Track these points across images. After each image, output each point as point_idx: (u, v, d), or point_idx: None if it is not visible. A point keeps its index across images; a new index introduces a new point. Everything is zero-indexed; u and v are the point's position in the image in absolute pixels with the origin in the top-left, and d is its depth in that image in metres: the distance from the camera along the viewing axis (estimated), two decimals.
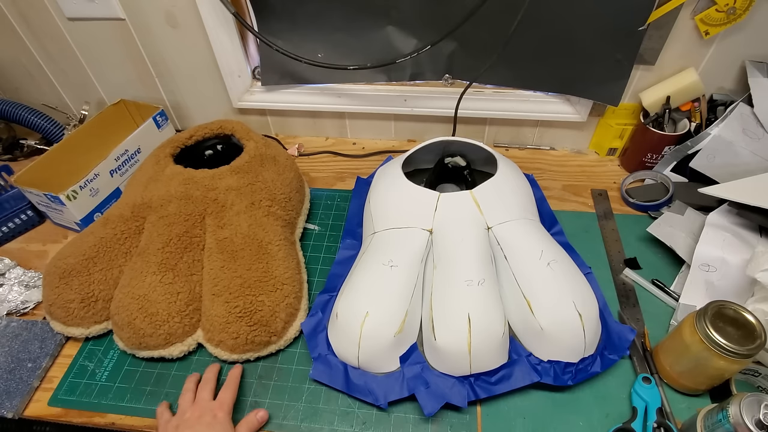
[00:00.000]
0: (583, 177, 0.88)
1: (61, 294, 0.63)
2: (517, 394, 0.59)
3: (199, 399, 0.56)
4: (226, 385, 0.58)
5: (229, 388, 0.58)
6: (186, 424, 0.53)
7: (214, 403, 0.56)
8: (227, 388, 0.58)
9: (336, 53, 0.84)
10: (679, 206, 0.75)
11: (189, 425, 0.53)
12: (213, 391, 0.58)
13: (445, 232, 0.63)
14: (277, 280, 0.63)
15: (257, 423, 0.57)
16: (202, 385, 0.59)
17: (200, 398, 0.56)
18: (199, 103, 0.98)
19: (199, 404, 0.56)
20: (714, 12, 0.68)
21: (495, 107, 0.88)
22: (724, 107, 0.77)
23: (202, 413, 0.54)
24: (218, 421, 0.54)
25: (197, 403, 0.56)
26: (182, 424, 0.54)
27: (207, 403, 0.56)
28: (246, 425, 0.56)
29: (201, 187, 0.69)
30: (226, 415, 0.55)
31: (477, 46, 0.80)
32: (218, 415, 0.54)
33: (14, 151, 0.99)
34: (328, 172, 0.93)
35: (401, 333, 0.57)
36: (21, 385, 0.62)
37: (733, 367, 0.51)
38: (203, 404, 0.56)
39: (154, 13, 0.82)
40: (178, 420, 0.55)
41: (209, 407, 0.55)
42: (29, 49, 0.91)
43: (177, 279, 0.63)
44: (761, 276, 0.55)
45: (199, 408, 0.55)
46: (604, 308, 0.63)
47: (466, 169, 0.79)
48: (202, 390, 0.58)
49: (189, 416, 0.54)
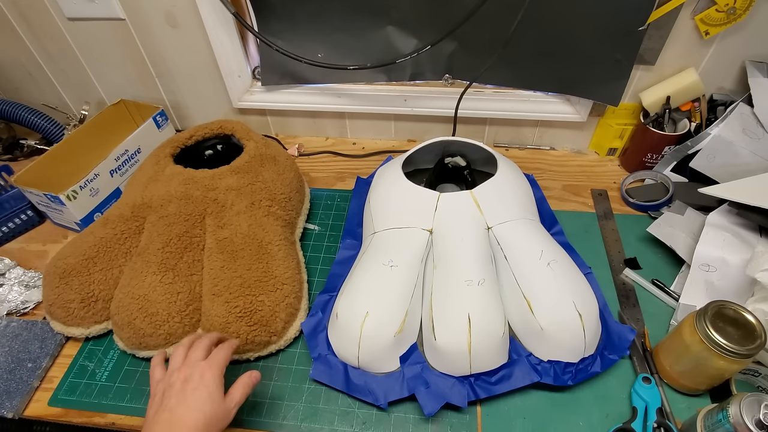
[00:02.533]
0: (583, 177, 0.88)
1: (61, 294, 0.63)
2: (517, 394, 0.59)
3: (189, 358, 0.51)
4: (221, 346, 0.53)
5: (223, 348, 0.52)
6: (171, 390, 0.48)
7: (204, 363, 0.50)
8: (221, 348, 0.53)
9: (336, 53, 0.84)
10: (679, 206, 0.75)
11: (174, 391, 0.48)
12: (206, 351, 0.52)
13: (445, 232, 0.63)
14: (277, 280, 0.63)
15: (251, 383, 0.52)
16: (196, 344, 0.53)
17: (190, 357, 0.51)
18: (199, 103, 0.98)
19: (188, 363, 0.50)
20: (714, 12, 0.68)
21: (495, 107, 0.88)
22: (724, 107, 0.77)
23: (189, 374, 0.49)
24: (205, 383, 0.48)
25: (186, 363, 0.51)
26: (168, 390, 0.49)
27: (196, 362, 0.50)
28: (241, 386, 0.51)
29: (201, 187, 0.69)
30: (214, 376, 0.49)
31: (477, 46, 0.80)
32: (206, 375, 0.49)
33: (14, 151, 0.99)
34: (328, 172, 0.93)
35: (401, 333, 0.57)
36: (21, 385, 0.62)
37: (733, 367, 0.51)
38: (191, 364, 0.50)
39: (154, 13, 0.82)
40: (166, 382, 0.50)
41: (198, 367, 0.50)
42: (29, 49, 0.91)
43: (177, 279, 0.63)
44: (761, 276, 0.55)
45: (188, 367, 0.50)
46: (604, 308, 0.63)
47: (466, 169, 0.79)
48: (195, 349, 0.52)
49: (175, 378, 0.49)
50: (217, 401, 0.48)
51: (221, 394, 0.49)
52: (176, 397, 0.48)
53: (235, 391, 0.51)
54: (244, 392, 0.51)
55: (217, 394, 0.49)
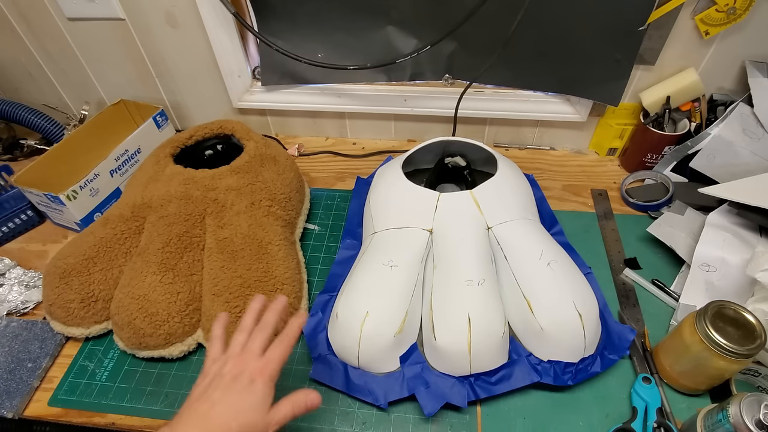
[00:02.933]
0: (583, 177, 0.88)
1: (61, 294, 0.63)
2: (517, 394, 0.59)
3: (247, 350, 0.47)
4: (279, 340, 0.48)
5: (282, 344, 0.48)
6: (219, 381, 0.45)
7: (259, 362, 0.46)
8: (279, 344, 0.48)
9: (336, 53, 0.84)
10: (679, 206, 0.75)
11: (221, 384, 0.45)
12: (267, 342, 0.48)
13: (445, 232, 0.63)
14: (277, 280, 0.63)
15: (305, 407, 0.46)
16: (258, 329, 0.49)
17: (248, 349, 0.47)
18: (199, 103, 0.98)
19: (243, 357, 0.47)
20: (714, 12, 0.68)
21: (495, 107, 0.88)
22: (724, 107, 0.77)
23: (240, 372, 0.45)
24: (254, 389, 0.44)
25: (242, 355, 0.47)
26: (216, 378, 0.45)
27: (252, 358, 0.46)
28: (290, 406, 0.46)
29: (201, 187, 0.69)
30: (266, 384, 0.45)
31: (477, 46, 0.80)
32: (257, 380, 0.45)
33: (14, 151, 0.99)
34: (328, 172, 0.93)
35: (401, 333, 0.57)
36: (21, 385, 0.62)
37: (733, 367, 0.51)
38: (247, 359, 0.46)
39: (154, 13, 0.82)
40: (219, 368, 0.46)
41: (251, 367, 0.46)
42: (29, 49, 0.91)
43: (177, 279, 0.63)
44: (761, 276, 0.55)
45: (241, 364, 0.46)
46: (604, 308, 0.63)
47: (466, 169, 0.79)
48: (255, 337, 0.48)
49: (227, 370, 0.46)
50: (260, 413, 0.44)
51: (266, 407, 0.45)
52: (221, 390, 0.44)
53: (281, 408, 0.46)
54: (292, 412, 0.46)
55: (261, 405, 0.44)
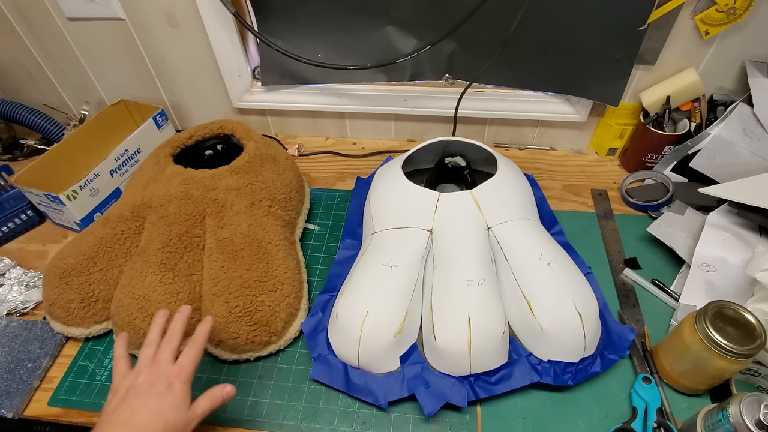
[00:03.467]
0: (583, 177, 0.88)
1: (61, 294, 0.63)
2: (517, 394, 0.59)
3: (157, 359, 0.50)
4: (190, 346, 0.52)
5: (192, 349, 0.51)
6: (136, 391, 0.47)
7: (173, 368, 0.49)
8: (190, 349, 0.51)
9: (336, 53, 0.84)
10: (679, 206, 0.75)
11: (139, 393, 0.47)
12: (175, 352, 0.51)
13: (445, 232, 0.63)
14: (277, 280, 0.63)
15: (221, 398, 0.50)
16: (165, 341, 0.52)
17: (159, 359, 0.50)
18: (199, 103, 0.98)
19: (156, 366, 0.49)
20: (714, 12, 0.68)
21: (495, 107, 0.88)
22: (724, 107, 0.77)
23: (156, 379, 0.48)
24: (172, 391, 0.47)
25: (155, 364, 0.49)
26: (132, 390, 0.47)
27: (165, 366, 0.49)
28: (209, 399, 0.49)
29: (201, 187, 0.69)
30: (183, 384, 0.48)
31: (477, 46, 0.80)
32: (174, 384, 0.48)
33: (14, 151, 0.99)
34: (328, 172, 0.93)
35: (401, 333, 0.57)
36: (21, 385, 0.62)
37: (733, 367, 0.51)
38: (161, 367, 0.49)
39: (154, 13, 0.82)
40: (132, 381, 0.48)
41: (166, 373, 0.49)
42: (29, 49, 0.91)
43: (177, 279, 0.63)
44: (761, 276, 0.55)
45: (155, 372, 0.49)
46: (604, 308, 0.63)
47: (466, 169, 0.79)
48: (163, 348, 0.51)
49: (142, 380, 0.48)
50: (181, 411, 0.47)
51: (186, 404, 0.48)
52: (140, 398, 0.46)
53: (201, 402, 0.49)
54: (210, 405, 0.49)
55: (182, 404, 0.47)
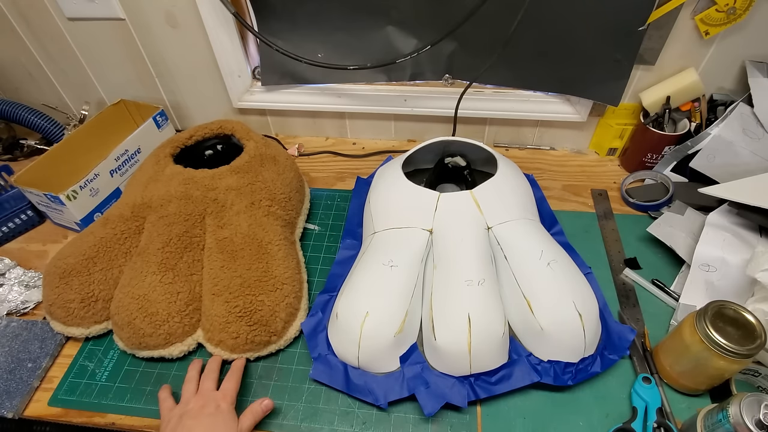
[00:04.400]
0: (583, 177, 0.88)
1: (61, 294, 0.63)
2: (517, 394, 0.59)
3: (202, 389, 0.56)
4: (229, 375, 0.58)
5: (232, 378, 0.58)
6: (189, 414, 0.53)
7: (218, 393, 0.56)
8: (230, 377, 0.58)
9: (336, 53, 0.84)
10: (679, 206, 0.75)
11: (192, 415, 0.53)
12: (216, 382, 0.58)
13: (445, 232, 0.63)
14: (277, 279, 0.63)
15: (261, 412, 0.56)
16: (206, 375, 0.59)
17: (203, 388, 0.57)
18: (199, 103, 0.98)
19: (202, 394, 0.56)
20: (714, 12, 0.68)
21: (495, 107, 0.88)
22: (724, 107, 0.77)
23: (205, 403, 0.54)
24: (221, 411, 0.53)
25: (201, 393, 0.56)
26: (186, 414, 0.53)
27: (210, 393, 0.56)
28: (251, 414, 0.55)
29: (201, 187, 0.69)
30: (229, 405, 0.55)
31: (477, 46, 0.80)
32: (221, 405, 0.54)
33: (14, 151, 0.99)
34: (328, 172, 0.93)
35: (401, 333, 0.57)
36: (21, 385, 0.62)
37: (733, 367, 0.51)
38: (207, 394, 0.56)
39: (154, 13, 0.82)
40: (182, 409, 0.54)
41: (213, 397, 0.55)
42: (29, 49, 0.91)
43: (177, 279, 0.63)
44: (761, 276, 0.55)
45: (203, 398, 0.55)
46: (604, 308, 0.63)
47: (466, 169, 0.79)
48: (205, 380, 0.58)
49: (192, 406, 0.54)
50: (232, 427, 0.53)
51: (235, 421, 0.53)
52: (194, 419, 0.52)
53: (245, 419, 0.54)
54: (254, 420, 0.55)
55: (231, 421, 0.53)
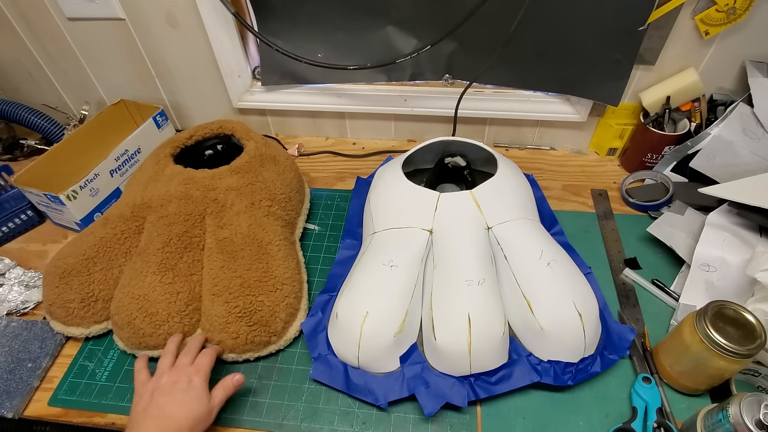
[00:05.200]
0: (583, 177, 0.88)
1: (61, 294, 0.63)
2: (517, 394, 0.59)
3: (177, 363, 0.56)
4: (205, 351, 0.58)
5: (207, 354, 0.58)
6: (161, 390, 0.53)
7: (192, 368, 0.56)
8: (206, 353, 0.58)
9: (336, 53, 0.84)
10: (679, 206, 0.75)
11: (164, 391, 0.53)
12: (193, 358, 0.57)
13: (445, 232, 0.63)
14: (277, 280, 0.63)
15: (233, 386, 0.56)
16: (185, 350, 0.58)
17: (179, 362, 0.56)
18: (199, 103, 0.98)
19: (176, 368, 0.55)
20: (714, 12, 0.68)
21: (495, 107, 0.88)
22: (724, 107, 0.77)
23: (178, 378, 0.54)
24: (193, 386, 0.53)
25: (175, 368, 0.56)
26: (158, 390, 0.53)
27: (184, 367, 0.55)
28: (222, 389, 0.55)
29: (201, 187, 0.69)
30: (202, 380, 0.54)
31: (477, 46, 0.80)
32: (194, 380, 0.54)
33: (14, 151, 0.99)
34: (328, 172, 0.93)
35: (401, 333, 0.57)
36: (21, 385, 0.62)
37: (733, 367, 0.51)
38: (181, 368, 0.55)
39: (154, 13, 0.82)
40: (155, 383, 0.54)
41: (186, 372, 0.55)
42: (29, 49, 0.91)
43: (177, 279, 0.63)
44: (761, 276, 0.55)
45: (176, 372, 0.55)
46: (604, 308, 0.63)
47: (466, 169, 0.79)
48: (182, 355, 0.57)
49: (165, 381, 0.54)
50: (203, 402, 0.53)
51: (207, 396, 0.54)
52: (166, 396, 0.52)
53: (216, 392, 0.55)
54: (225, 394, 0.56)
55: (204, 395, 0.53)
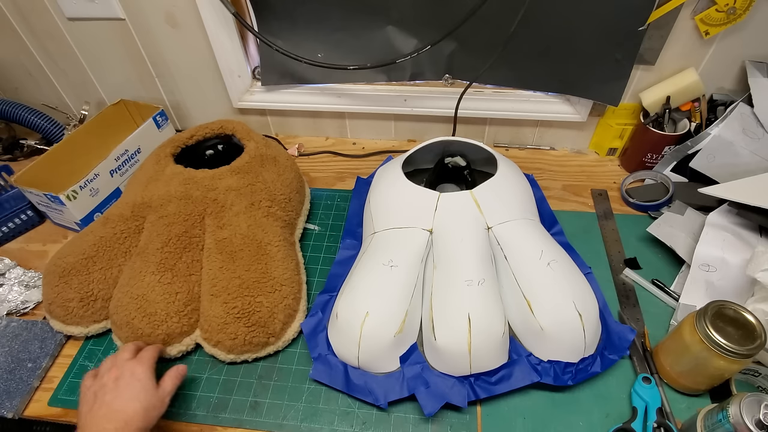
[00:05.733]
0: (583, 177, 0.88)
1: (60, 293, 0.63)
2: (517, 394, 0.59)
3: (116, 360, 0.54)
4: (147, 347, 0.57)
5: (149, 348, 0.56)
6: (104, 389, 0.50)
7: (132, 361, 0.53)
8: (147, 348, 0.56)
9: (336, 53, 0.84)
10: (679, 206, 0.75)
11: (108, 389, 0.50)
12: (134, 353, 0.55)
13: (445, 232, 0.63)
14: (276, 281, 0.63)
15: (179, 375, 0.55)
16: (122, 348, 0.56)
17: (118, 359, 0.54)
18: (199, 103, 0.98)
19: (116, 366, 0.53)
20: (714, 12, 0.68)
21: (495, 107, 0.88)
22: (724, 107, 0.77)
23: (119, 373, 0.51)
24: (137, 377, 0.51)
25: (115, 365, 0.53)
26: (101, 389, 0.51)
27: (124, 362, 0.53)
28: (170, 378, 0.54)
29: (201, 187, 0.69)
30: (145, 370, 0.52)
31: (477, 46, 0.80)
32: (137, 371, 0.51)
33: (14, 151, 0.99)
34: (328, 172, 0.93)
35: (401, 333, 0.57)
36: (21, 385, 0.62)
37: (733, 367, 0.51)
38: (120, 364, 0.53)
39: (154, 13, 0.82)
40: (97, 384, 0.52)
41: (127, 366, 0.52)
42: (29, 49, 0.91)
43: (176, 279, 0.63)
44: (761, 276, 0.55)
45: (117, 369, 0.52)
46: (604, 308, 0.63)
47: (466, 169, 0.79)
48: (120, 352, 0.55)
49: (106, 380, 0.51)
50: (151, 391, 0.51)
51: (154, 385, 0.52)
52: (110, 393, 0.50)
53: (165, 383, 0.54)
54: (173, 383, 0.54)
55: (149, 385, 0.52)
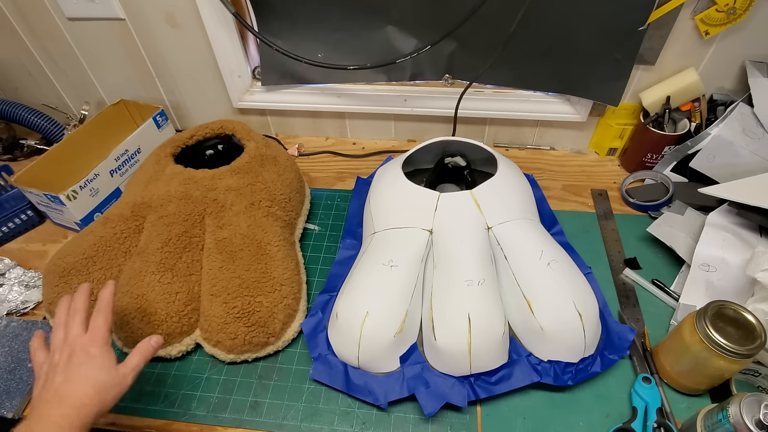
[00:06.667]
0: (583, 177, 0.88)
1: (60, 292, 0.63)
2: (517, 394, 0.59)
3: (68, 336, 0.50)
4: (96, 311, 0.52)
5: (100, 314, 0.51)
6: (55, 369, 0.47)
7: (86, 337, 0.50)
8: (97, 314, 0.51)
9: (336, 53, 0.84)
10: (679, 206, 0.75)
11: (60, 370, 0.47)
12: (84, 323, 0.51)
13: (445, 232, 0.63)
14: (276, 281, 0.63)
15: (152, 349, 0.52)
16: (71, 317, 0.51)
17: (69, 335, 0.50)
18: (199, 103, 0.98)
19: (68, 342, 0.49)
20: (714, 12, 0.68)
21: (495, 107, 0.88)
22: (724, 107, 0.77)
23: (71, 352, 0.48)
24: (92, 356, 0.48)
25: (66, 341, 0.50)
26: (52, 369, 0.48)
27: (77, 339, 0.49)
28: (139, 353, 0.51)
29: (201, 187, 0.69)
30: (100, 348, 0.49)
31: (477, 46, 0.80)
32: (91, 350, 0.48)
33: (14, 151, 0.99)
34: (328, 172, 0.93)
35: (401, 333, 0.57)
36: (21, 385, 0.62)
37: (733, 367, 0.51)
38: (73, 341, 0.49)
39: (154, 13, 0.82)
40: (48, 364, 0.49)
41: (80, 343, 0.49)
42: (29, 49, 0.91)
43: (176, 279, 0.63)
44: (761, 276, 0.55)
45: (69, 346, 0.49)
46: (604, 308, 0.63)
47: (466, 169, 0.79)
48: (70, 324, 0.51)
49: (58, 359, 0.48)
50: (109, 370, 0.48)
51: (112, 363, 0.49)
52: (62, 374, 0.47)
53: (131, 358, 0.50)
54: (142, 357, 0.51)
55: (107, 363, 0.48)
